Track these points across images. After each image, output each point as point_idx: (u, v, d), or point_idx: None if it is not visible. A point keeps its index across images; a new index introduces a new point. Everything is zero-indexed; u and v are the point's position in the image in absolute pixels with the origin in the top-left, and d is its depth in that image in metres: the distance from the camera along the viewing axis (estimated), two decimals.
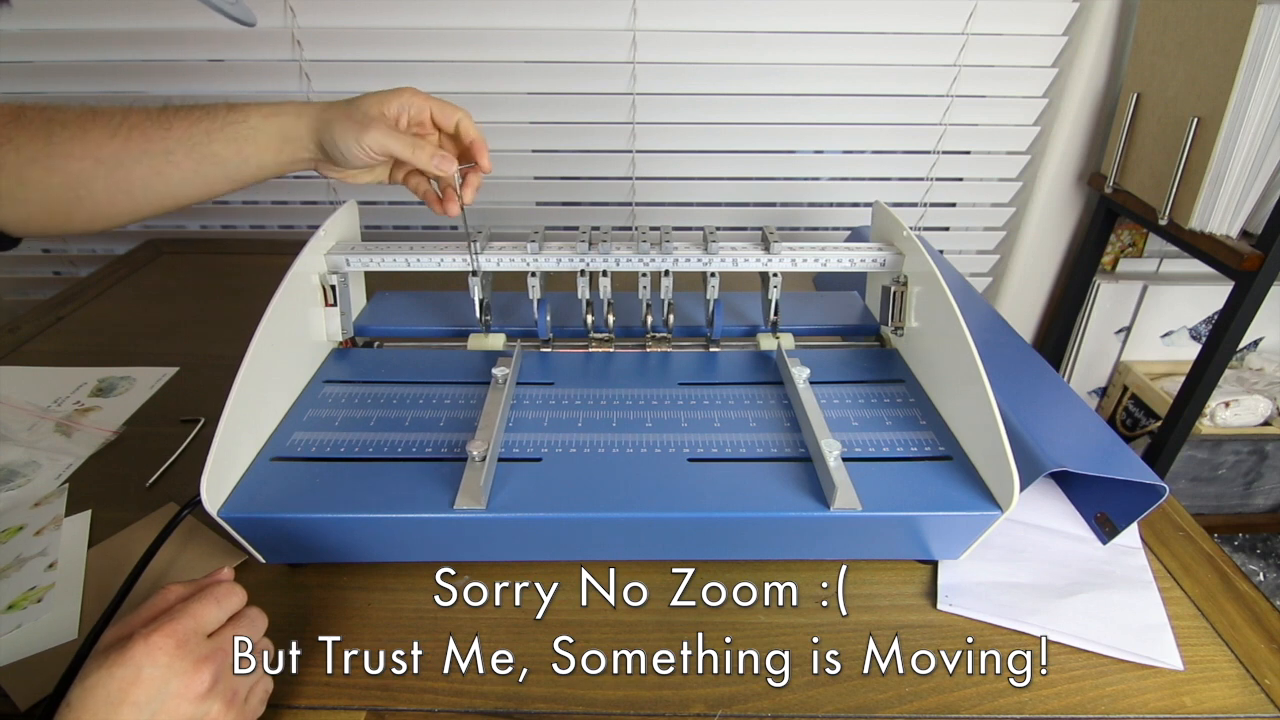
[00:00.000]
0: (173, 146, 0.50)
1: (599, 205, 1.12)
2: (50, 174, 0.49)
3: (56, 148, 0.48)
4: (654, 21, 0.97)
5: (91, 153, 0.49)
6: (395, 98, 0.54)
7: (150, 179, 0.51)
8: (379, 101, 0.53)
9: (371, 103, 0.53)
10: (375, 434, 0.48)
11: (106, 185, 0.50)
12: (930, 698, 0.41)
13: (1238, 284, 0.89)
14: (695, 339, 0.61)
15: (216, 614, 0.36)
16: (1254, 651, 0.44)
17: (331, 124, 0.52)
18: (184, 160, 0.51)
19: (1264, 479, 1.29)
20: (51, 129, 0.49)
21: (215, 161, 0.52)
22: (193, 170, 0.51)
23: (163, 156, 0.50)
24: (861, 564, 0.49)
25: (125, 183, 0.50)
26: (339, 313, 0.58)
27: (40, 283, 1.20)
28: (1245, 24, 0.79)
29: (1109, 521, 0.51)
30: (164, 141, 0.50)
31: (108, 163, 0.49)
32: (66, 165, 0.49)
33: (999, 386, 0.44)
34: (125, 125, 0.50)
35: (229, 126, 0.51)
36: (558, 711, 0.40)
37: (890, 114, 1.05)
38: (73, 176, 0.49)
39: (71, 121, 0.49)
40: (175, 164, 0.51)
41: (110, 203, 0.51)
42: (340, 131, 0.52)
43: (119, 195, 0.51)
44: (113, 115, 0.50)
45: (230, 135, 0.51)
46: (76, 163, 0.49)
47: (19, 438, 0.60)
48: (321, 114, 0.53)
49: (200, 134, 0.51)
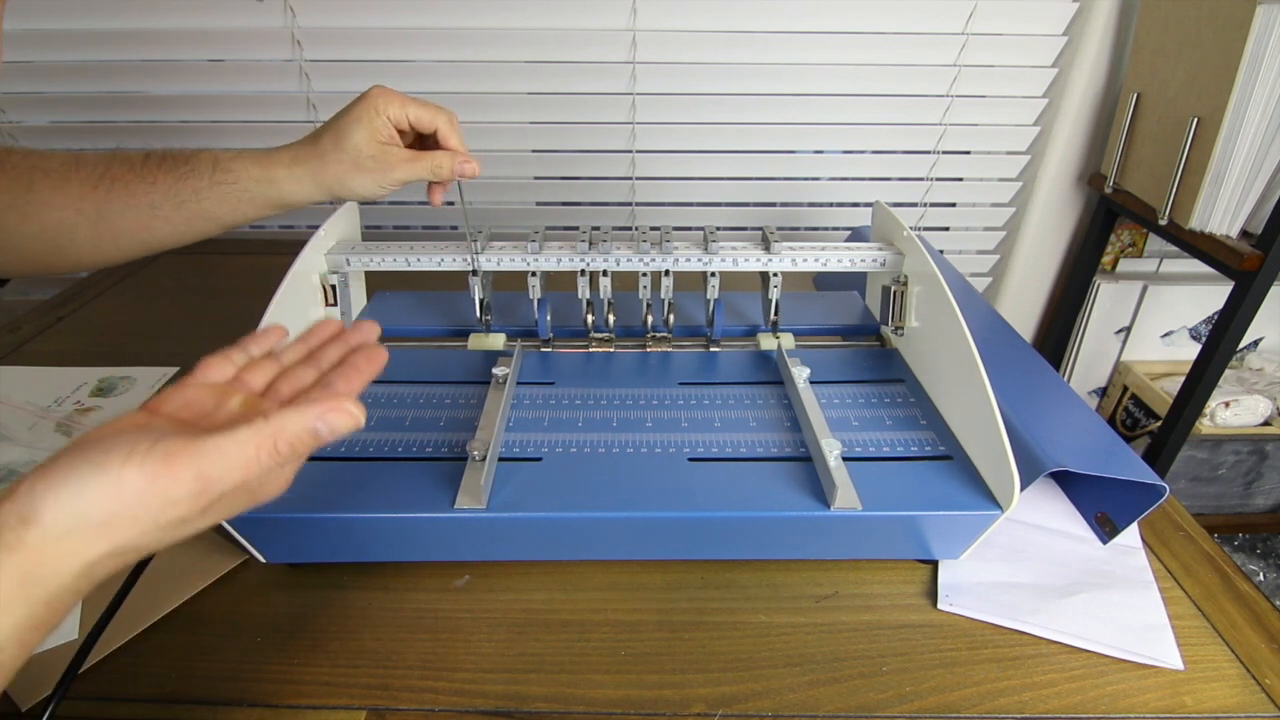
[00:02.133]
0: (158, 201, 0.49)
1: (599, 205, 1.12)
2: (26, 222, 0.47)
3: (36, 195, 0.47)
4: (654, 21, 0.97)
5: (72, 204, 0.48)
6: (374, 118, 0.50)
7: (137, 232, 0.49)
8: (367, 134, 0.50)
9: (362, 139, 0.50)
10: (375, 433, 0.48)
11: (91, 235, 0.49)
12: (930, 698, 0.41)
13: (1238, 284, 0.89)
14: (695, 339, 0.61)
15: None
16: (1254, 651, 0.44)
17: (343, 179, 0.51)
18: (172, 215, 0.49)
19: (1264, 479, 1.29)
20: (34, 176, 0.47)
21: (206, 218, 0.50)
22: (183, 224, 0.50)
23: (148, 211, 0.49)
24: (861, 564, 0.49)
25: (110, 234, 0.49)
26: (339, 312, 0.58)
27: (40, 283, 1.20)
28: (1245, 24, 0.79)
29: (1109, 521, 0.51)
30: (148, 195, 0.49)
31: (89, 214, 0.48)
32: (45, 214, 0.47)
33: (999, 386, 0.44)
34: (107, 177, 0.48)
35: (218, 187, 0.50)
36: (558, 711, 0.40)
37: (890, 114, 1.05)
38: (52, 226, 0.48)
39: (54, 170, 0.48)
40: (163, 218, 0.49)
41: (95, 250, 0.50)
42: (358, 182, 0.51)
43: (105, 244, 0.50)
44: (95, 165, 0.49)
45: (221, 195, 0.50)
46: (57, 212, 0.47)
47: (19, 438, 0.60)
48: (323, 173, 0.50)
49: (187, 191, 0.49)
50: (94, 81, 1.00)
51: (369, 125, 0.50)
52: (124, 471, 0.26)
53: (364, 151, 0.50)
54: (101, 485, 0.26)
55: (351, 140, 0.50)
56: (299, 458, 0.31)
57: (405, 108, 0.51)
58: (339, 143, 0.50)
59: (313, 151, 0.51)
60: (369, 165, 0.50)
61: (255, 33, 0.97)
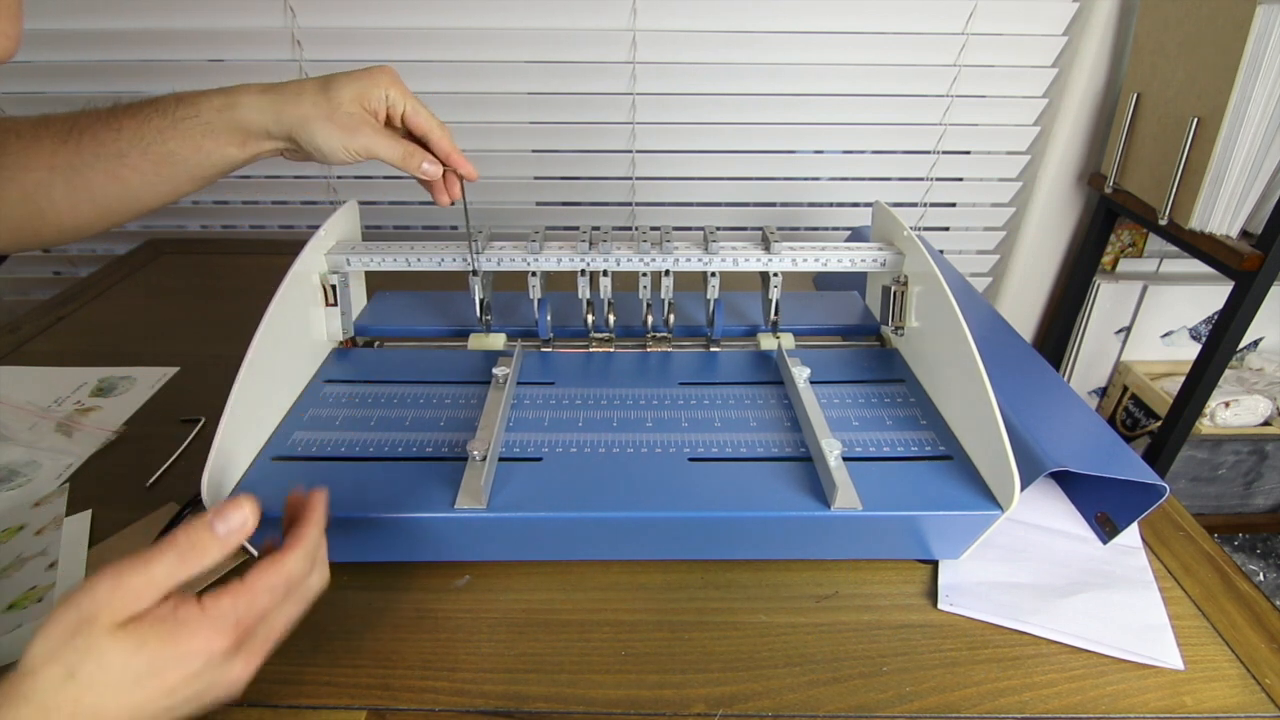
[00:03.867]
0: (125, 148, 0.48)
1: (599, 205, 1.12)
2: (5, 186, 0.47)
3: (10, 159, 0.47)
4: (654, 21, 0.97)
5: (45, 161, 0.47)
6: (373, 86, 0.50)
7: (108, 183, 0.48)
8: (357, 94, 0.49)
9: (349, 95, 0.49)
10: (376, 433, 0.48)
11: (65, 193, 0.48)
12: (930, 698, 0.41)
13: (1238, 284, 0.89)
14: (695, 339, 0.61)
15: (279, 600, 0.33)
16: (1254, 651, 0.44)
17: (308, 122, 0.49)
18: (139, 161, 0.48)
19: (1264, 479, 1.29)
20: (6, 139, 0.47)
21: (173, 161, 0.49)
22: (151, 171, 0.49)
23: (116, 159, 0.48)
24: (861, 564, 0.49)
25: (84, 189, 0.48)
26: (339, 312, 0.58)
27: (40, 283, 1.20)
28: (1245, 24, 0.79)
29: (1109, 521, 0.51)
30: (115, 144, 0.48)
31: (62, 170, 0.47)
32: (22, 176, 0.47)
33: (999, 386, 0.44)
34: (75, 130, 0.48)
35: (180, 123, 0.48)
36: (558, 711, 0.40)
37: (890, 114, 1.05)
38: (30, 188, 0.47)
39: (26, 131, 0.47)
40: (131, 166, 0.48)
41: (73, 211, 0.49)
42: (322, 133, 0.49)
43: (81, 203, 0.49)
44: (64, 120, 0.48)
45: (184, 131, 0.48)
46: (32, 174, 0.47)
47: (19, 438, 0.60)
48: (291, 107, 0.49)
49: (152, 132, 0.48)
50: (94, 81, 1.00)
51: (362, 89, 0.50)
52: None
53: (343, 107, 0.49)
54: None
55: (339, 92, 0.49)
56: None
57: (405, 99, 0.51)
58: (324, 88, 0.49)
59: (291, 87, 0.49)
60: (341, 120, 0.49)
61: (255, 33, 0.97)
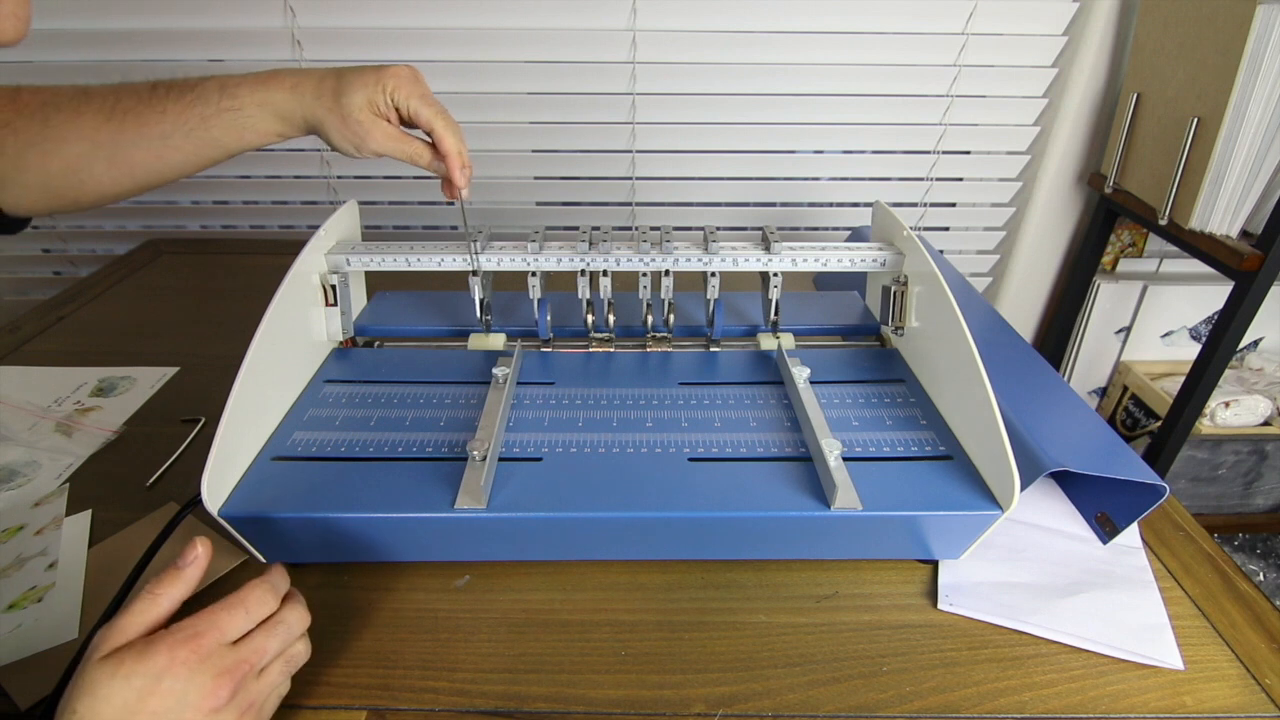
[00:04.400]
0: (169, 131, 0.50)
1: (599, 205, 1.12)
2: (47, 158, 0.49)
3: (52, 131, 0.48)
4: (654, 21, 0.97)
5: (88, 136, 0.49)
6: (379, 92, 0.51)
7: (151, 162, 0.51)
8: (365, 100, 0.50)
9: (358, 103, 0.50)
10: (376, 433, 0.48)
11: (108, 168, 0.50)
12: (930, 698, 0.41)
13: (1238, 284, 0.89)
14: (695, 339, 0.61)
15: (244, 623, 0.35)
16: (1254, 651, 0.44)
17: (323, 122, 0.51)
18: (183, 144, 0.51)
19: (1264, 479, 1.29)
20: (47, 112, 0.48)
21: (215, 145, 0.52)
22: (193, 152, 0.52)
23: (160, 140, 0.50)
24: (861, 564, 0.49)
25: (126, 165, 0.51)
26: (339, 312, 0.58)
27: (40, 283, 1.20)
28: (1245, 24, 0.79)
29: (1109, 521, 0.51)
30: (159, 125, 0.50)
31: (105, 146, 0.49)
32: (63, 149, 0.49)
33: (999, 386, 0.44)
34: (119, 109, 0.49)
35: (224, 113, 0.51)
36: (558, 711, 0.40)
37: (890, 114, 1.05)
38: (71, 160, 0.49)
39: (65, 104, 0.49)
40: (175, 148, 0.51)
41: (113, 183, 0.51)
42: (335, 135, 0.51)
43: (121, 177, 0.51)
44: (105, 97, 0.50)
45: (228, 121, 0.51)
46: (73, 146, 0.49)
47: (19, 438, 0.60)
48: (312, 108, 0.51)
49: (196, 119, 0.50)
50: (94, 81, 1.00)
51: (370, 96, 0.51)
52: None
53: (353, 115, 0.51)
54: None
55: (349, 100, 0.51)
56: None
57: (411, 99, 0.52)
58: (337, 93, 0.51)
59: (311, 86, 0.51)
60: (352, 126, 0.51)
61: (255, 33, 0.97)
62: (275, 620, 0.37)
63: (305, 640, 0.39)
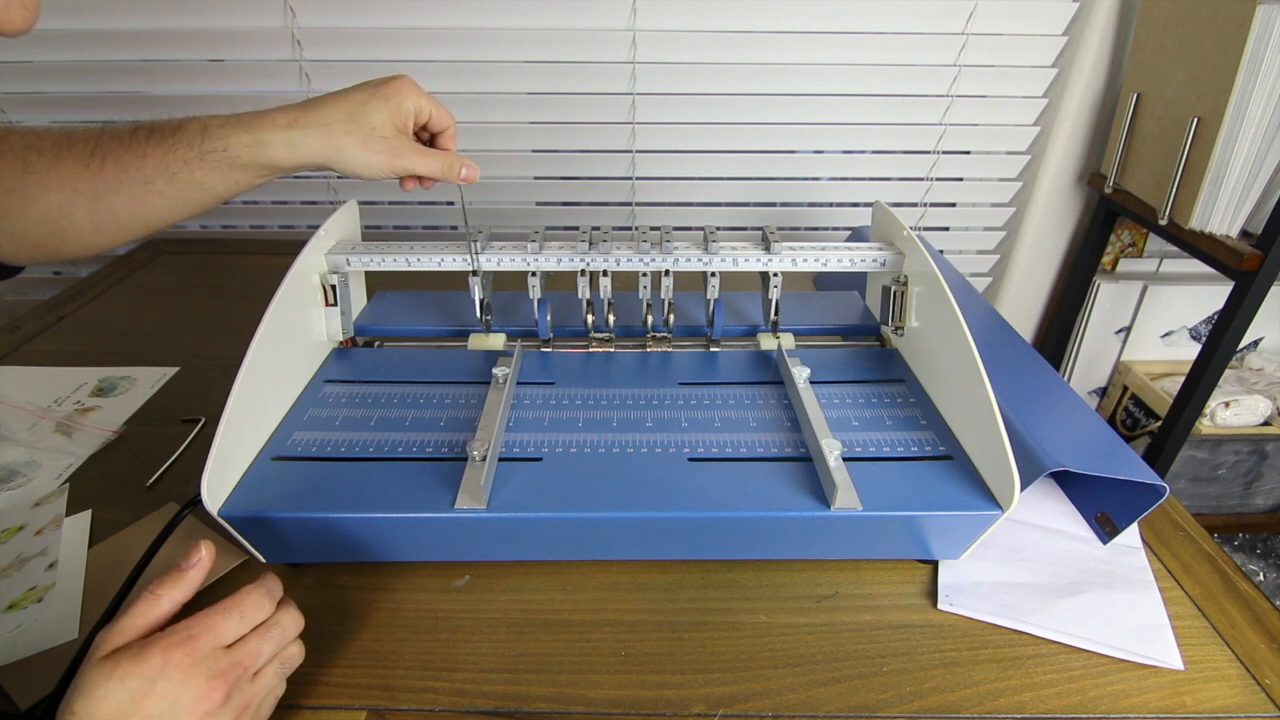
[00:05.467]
0: (150, 176, 0.48)
1: (599, 205, 1.12)
2: (27, 205, 0.47)
3: (32, 178, 0.46)
4: (654, 21, 0.97)
5: (68, 184, 0.47)
6: (401, 102, 0.50)
7: (133, 208, 0.49)
8: (388, 115, 0.50)
9: (381, 119, 0.50)
10: (376, 434, 0.48)
11: (88, 215, 0.48)
12: (930, 698, 0.41)
13: (1238, 284, 0.89)
14: (695, 339, 0.61)
15: (239, 626, 0.36)
16: (1254, 651, 0.44)
17: (345, 152, 0.50)
18: (166, 188, 0.48)
19: (1264, 479, 1.29)
20: (29, 157, 0.47)
21: (200, 188, 0.49)
22: (178, 196, 0.49)
23: (141, 186, 0.48)
24: (861, 564, 0.49)
25: (108, 213, 0.48)
26: (339, 312, 0.58)
27: (40, 283, 1.20)
28: (1245, 24, 0.79)
29: (1109, 521, 0.51)
30: (140, 171, 0.48)
31: (85, 194, 0.47)
32: (45, 196, 0.47)
33: (999, 386, 0.44)
34: (98, 154, 0.47)
35: (208, 156, 0.48)
36: (558, 711, 0.40)
37: (890, 114, 1.05)
38: (53, 208, 0.47)
39: (47, 150, 0.47)
40: (157, 193, 0.48)
41: (95, 232, 0.49)
42: (360, 161, 0.50)
43: (104, 225, 0.49)
44: (86, 142, 0.48)
45: (212, 164, 0.49)
46: (54, 194, 0.47)
47: (19, 438, 0.60)
48: (326, 140, 0.49)
49: (178, 163, 0.48)
50: (94, 81, 1.00)
51: (394, 109, 0.50)
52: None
53: (378, 132, 0.50)
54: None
55: (370, 118, 0.50)
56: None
57: (428, 104, 0.52)
58: (354, 117, 0.50)
59: (316, 116, 0.49)
60: (379, 146, 0.50)
61: (255, 33, 0.97)
62: (270, 623, 0.37)
63: (299, 643, 0.39)
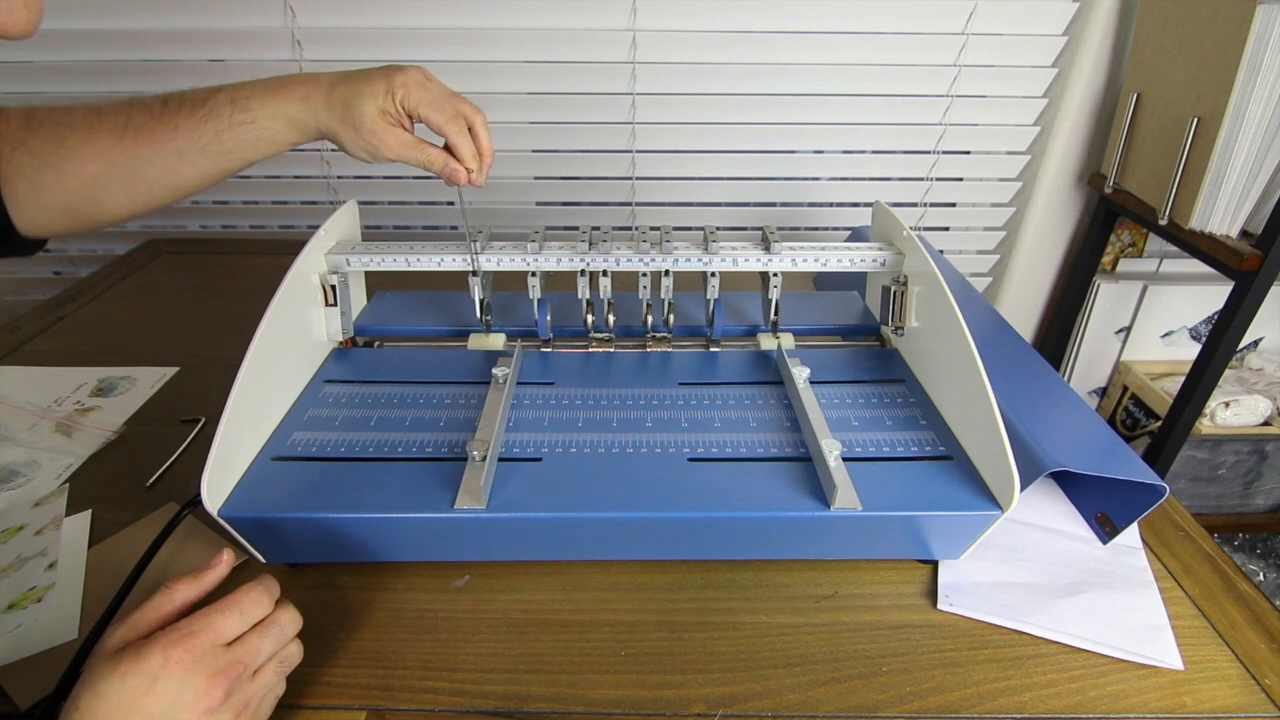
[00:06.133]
0: (183, 147, 0.50)
1: (599, 205, 1.12)
2: (64, 178, 0.49)
3: (68, 151, 0.48)
4: (654, 21, 0.97)
5: (103, 156, 0.49)
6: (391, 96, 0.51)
7: (167, 177, 0.51)
8: (375, 108, 0.51)
9: (369, 112, 0.51)
10: (375, 434, 0.48)
11: (124, 186, 0.50)
12: (930, 698, 0.41)
13: (1238, 284, 0.89)
14: (695, 339, 0.61)
15: (238, 624, 0.36)
16: (1254, 651, 0.44)
17: (337, 132, 0.52)
18: (198, 159, 0.51)
19: (1264, 479, 1.29)
20: (61, 132, 0.49)
21: (231, 157, 0.52)
22: (209, 166, 0.52)
23: (175, 156, 0.51)
24: (861, 564, 0.49)
25: (142, 183, 0.51)
26: (339, 312, 0.58)
27: (40, 283, 1.20)
28: (1245, 24, 0.79)
29: (1109, 521, 0.51)
30: (173, 142, 0.50)
31: (120, 165, 0.50)
32: (80, 169, 0.49)
33: (999, 386, 0.44)
34: (131, 127, 0.50)
35: (237, 127, 0.51)
36: (558, 711, 0.40)
37: (890, 114, 1.05)
38: (88, 180, 0.49)
39: (79, 124, 0.49)
40: (190, 163, 0.51)
41: (129, 200, 0.52)
42: (349, 144, 0.52)
43: (138, 194, 0.51)
44: (117, 115, 0.50)
45: (241, 135, 0.51)
46: (90, 165, 0.49)
47: (19, 438, 0.60)
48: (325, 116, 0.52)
49: (209, 134, 0.51)
50: (94, 81, 1.00)
51: (381, 104, 0.51)
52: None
53: (365, 124, 0.51)
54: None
55: (360, 109, 0.51)
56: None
57: (421, 105, 0.52)
58: (346, 105, 0.51)
59: (322, 97, 0.52)
60: (366, 135, 0.51)
61: (255, 33, 0.97)
62: (269, 622, 0.37)
63: (298, 642, 0.39)
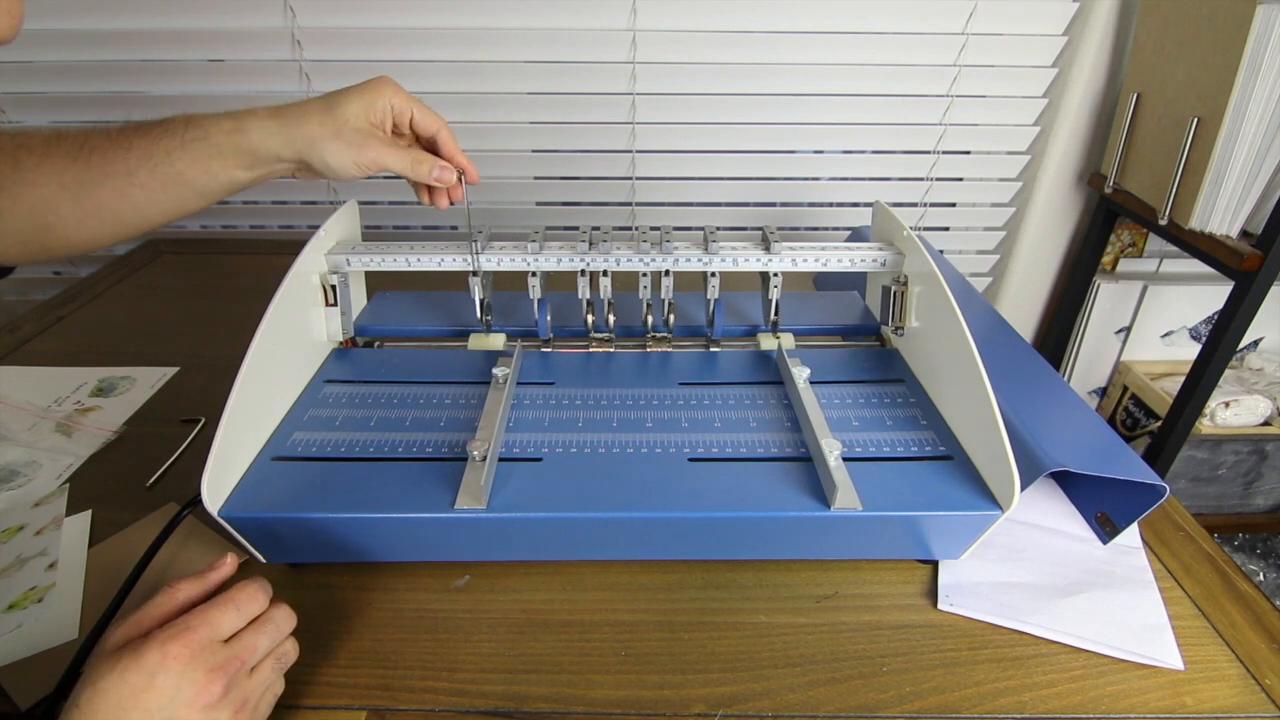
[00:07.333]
0: (134, 167, 0.49)
1: (599, 205, 1.12)
2: (17, 201, 0.47)
3: (23, 174, 0.47)
4: (654, 21, 0.97)
5: (55, 178, 0.48)
6: (377, 98, 0.51)
7: (116, 201, 0.49)
8: (363, 109, 0.51)
9: (355, 111, 0.50)
10: (376, 434, 0.48)
11: (73, 209, 0.48)
12: (930, 698, 0.41)
13: (1238, 284, 0.89)
14: (695, 339, 0.61)
15: (235, 620, 0.36)
16: (1254, 651, 0.44)
17: (316, 142, 0.50)
18: (148, 180, 0.49)
19: (1264, 479, 1.29)
20: (19, 155, 0.48)
21: (180, 181, 0.50)
22: (159, 190, 0.50)
23: (125, 178, 0.49)
24: (862, 564, 0.49)
25: (92, 206, 0.49)
26: (339, 312, 0.58)
27: (40, 283, 1.20)
28: (1245, 24, 0.79)
29: (1109, 521, 0.51)
30: (124, 162, 0.48)
31: (71, 187, 0.48)
32: (32, 191, 0.47)
33: (999, 386, 0.44)
34: (86, 148, 0.48)
35: (190, 144, 0.49)
36: (558, 711, 0.40)
37: (890, 114, 1.05)
38: (39, 203, 0.48)
39: (37, 147, 0.48)
40: (139, 184, 0.49)
41: (80, 227, 0.49)
42: (331, 152, 0.50)
43: (88, 219, 0.49)
44: (75, 138, 0.49)
45: (193, 153, 0.49)
46: (41, 189, 0.48)
47: (19, 438, 0.60)
48: (298, 129, 0.50)
49: (161, 152, 0.49)
50: (94, 81, 1.00)
51: (368, 103, 0.51)
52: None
53: (350, 124, 0.50)
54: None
55: (344, 110, 0.50)
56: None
57: (409, 104, 0.52)
58: (329, 108, 0.50)
59: (296, 109, 0.50)
60: (349, 138, 0.50)
61: (255, 33, 0.97)
62: (265, 618, 0.37)
63: (293, 640, 0.39)
